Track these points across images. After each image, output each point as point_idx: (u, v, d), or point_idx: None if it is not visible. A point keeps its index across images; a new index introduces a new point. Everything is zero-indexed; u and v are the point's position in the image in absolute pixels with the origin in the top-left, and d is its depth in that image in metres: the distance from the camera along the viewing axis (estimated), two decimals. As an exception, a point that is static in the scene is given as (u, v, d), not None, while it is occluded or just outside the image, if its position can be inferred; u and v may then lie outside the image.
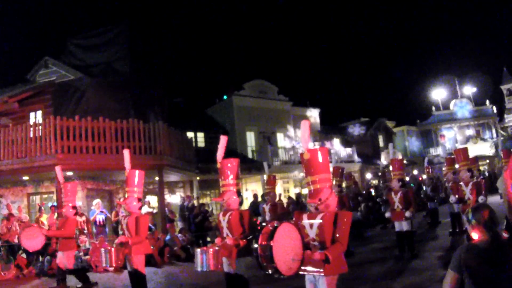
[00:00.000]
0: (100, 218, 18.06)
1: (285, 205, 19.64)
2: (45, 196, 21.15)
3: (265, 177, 29.75)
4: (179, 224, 20.06)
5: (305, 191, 30.89)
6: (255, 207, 20.24)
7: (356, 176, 34.15)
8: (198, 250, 7.31)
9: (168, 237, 17.19)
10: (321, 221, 5.74)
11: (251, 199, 24.05)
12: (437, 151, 50.35)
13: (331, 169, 7.81)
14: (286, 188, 32.47)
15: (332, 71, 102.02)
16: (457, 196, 12.64)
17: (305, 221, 5.94)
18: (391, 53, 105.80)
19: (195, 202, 21.83)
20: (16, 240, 15.45)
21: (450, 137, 52.20)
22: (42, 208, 18.46)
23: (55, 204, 17.82)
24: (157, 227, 19.17)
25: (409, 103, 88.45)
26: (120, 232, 9.50)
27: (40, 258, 15.49)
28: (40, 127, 17.81)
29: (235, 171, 7.98)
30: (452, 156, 16.19)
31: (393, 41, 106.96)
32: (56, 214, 16.65)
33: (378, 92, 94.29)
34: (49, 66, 24.35)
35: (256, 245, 5.44)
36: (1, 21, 71.39)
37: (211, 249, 7.12)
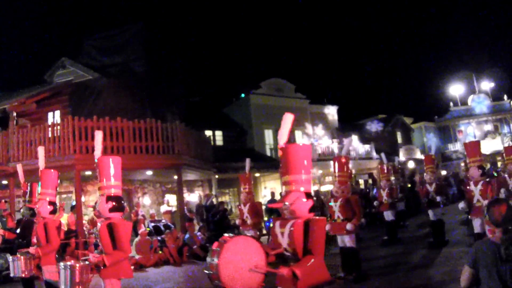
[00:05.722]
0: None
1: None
2: (64, 196, 21.22)
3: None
4: (195, 222, 20.03)
5: (323, 188, 30.84)
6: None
7: (375, 173, 34.01)
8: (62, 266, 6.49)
9: (187, 235, 17.16)
10: (292, 229, 5.05)
11: (269, 197, 23.95)
12: (455, 147, 50.03)
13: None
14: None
15: (349, 68, 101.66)
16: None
17: (277, 229, 5.31)
18: (408, 49, 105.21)
19: (214, 201, 21.80)
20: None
21: (468, 133, 51.87)
22: (62, 208, 18.52)
23: (73, 203, 17.91)
24: (176, 226, 19.18)
25: (426, 99, 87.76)
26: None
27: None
28: (58, 128, 17.87)
29: (119, 170, 7.00)
30: None
31: (410, 37, 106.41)
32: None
33: (396, 89, 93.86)
34: (67, 67, 24.40)
35: (208, 260, 4.95)
36: (18, 23, 71.84)
37: (77, 265, 6.41)
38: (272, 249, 5.13)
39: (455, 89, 54.52)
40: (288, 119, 5.35)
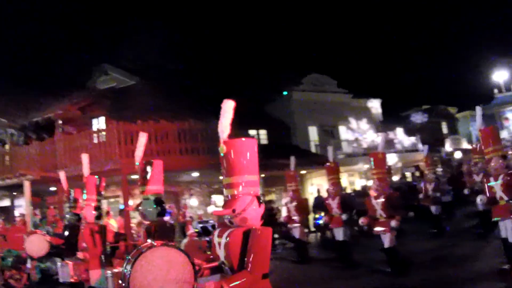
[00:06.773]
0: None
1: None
2: (112, 200, 21.43)
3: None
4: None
5: (370, 183, 30.57)
6: (319, 202, 19.87)
7: (422, 165, 33.66)
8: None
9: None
10: (228, 239, 4.36)
11: (316, 194, 23.74)
12: (501, 135, 49.15)
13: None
14: (352, 181, 32.12)
15: (391, 60, 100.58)
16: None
17: (215, 239, 4.60)
18: (450, 37, 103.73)
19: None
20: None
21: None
22: (111, 212, 18.71)
23: (121, 207, 18.10)
24: (223, 226, 19.21)
25: (470, 87, 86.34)
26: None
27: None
28: (103, 133, 18.06)
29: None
30: None
31: (452, 25, 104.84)
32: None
33: (439, 78, 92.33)
34: (108, 73, 24.64)
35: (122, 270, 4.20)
36: (60, 30, 72.84)
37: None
38: (211, 261, 4.56)
39: (499, 75, 53.58)
40: (227, 106, 4.75)
